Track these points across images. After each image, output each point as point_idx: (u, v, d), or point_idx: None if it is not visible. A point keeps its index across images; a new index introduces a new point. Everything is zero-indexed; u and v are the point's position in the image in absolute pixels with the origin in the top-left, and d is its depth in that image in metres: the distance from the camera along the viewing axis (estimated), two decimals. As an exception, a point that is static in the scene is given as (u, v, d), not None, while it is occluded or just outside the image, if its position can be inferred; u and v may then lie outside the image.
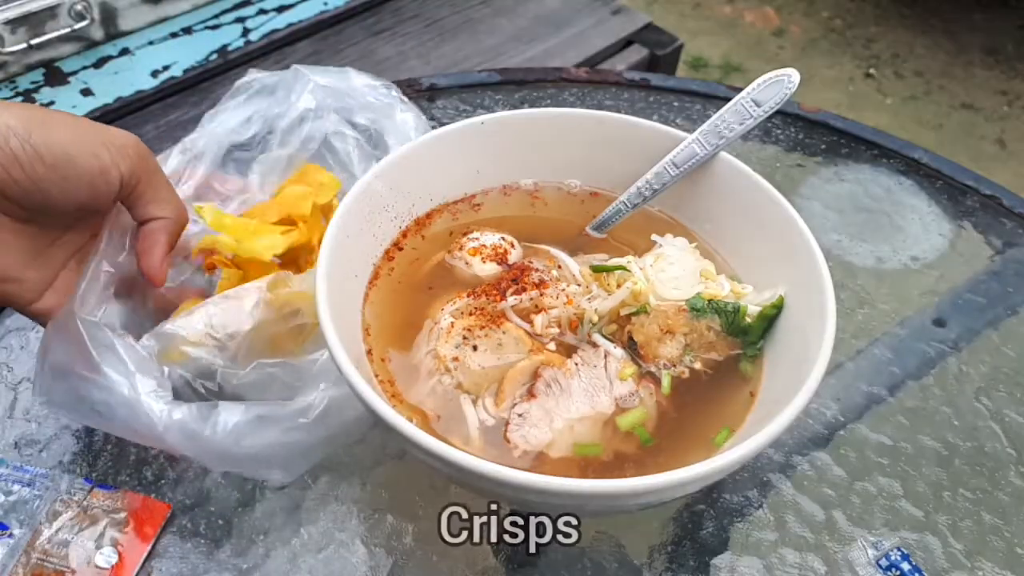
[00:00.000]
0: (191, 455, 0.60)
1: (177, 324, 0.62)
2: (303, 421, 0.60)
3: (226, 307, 0.63)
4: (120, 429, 0.61)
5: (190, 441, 0.59)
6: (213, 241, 0.70)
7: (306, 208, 0.73)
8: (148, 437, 0.60)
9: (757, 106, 0.66)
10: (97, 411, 0.59)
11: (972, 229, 0.94)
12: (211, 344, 0.62)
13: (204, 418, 0.59)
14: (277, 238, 0.71)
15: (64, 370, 0.59)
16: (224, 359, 0.63)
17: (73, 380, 0.59)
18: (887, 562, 0.63)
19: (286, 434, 0.60)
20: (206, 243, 0.71)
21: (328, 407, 0.61)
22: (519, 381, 0.59)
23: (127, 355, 0.59)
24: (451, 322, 0.61)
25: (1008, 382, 0.78)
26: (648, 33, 1.64)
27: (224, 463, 0.62)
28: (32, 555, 0.61)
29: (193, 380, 0.62)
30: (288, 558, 0.62)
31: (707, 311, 0.62)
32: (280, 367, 0.63)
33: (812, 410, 0.74)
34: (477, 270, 0.67)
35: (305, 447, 0.62)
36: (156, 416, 0.58)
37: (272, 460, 0.62)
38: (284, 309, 0.65)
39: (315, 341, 0.66)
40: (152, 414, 0.58)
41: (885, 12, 3.31)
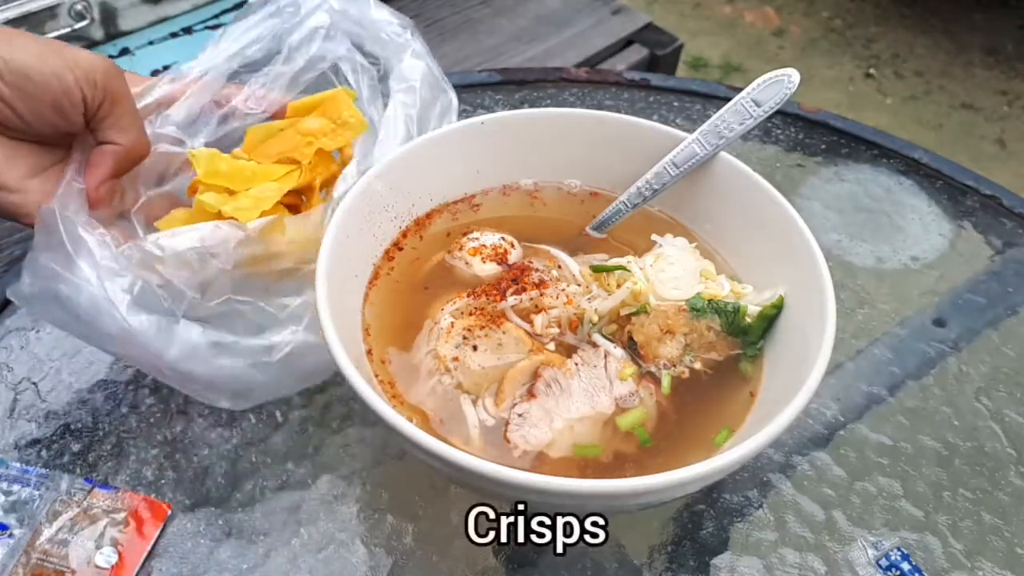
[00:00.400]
0: (144, 367, 0.61)
1: (159, 242, 0.60)
2: (265, 360, 0.61)
3: (211, 239, 0.61)
4: (83, 331, 0.61)
5: (144, 351, 0.59)
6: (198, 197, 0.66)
7: (309, 153, 0.69)
8: (106, 341, 0.60)
9: (757, 106, 0.66)
10: (65, 309, 0.59)
11: (972, 229, 0.94)
12: (186, 272, 0.61)
13: (162, 331, 0.59)
14: (270, 189, 0.66)
15: (42, 267, 0.60)
16: (196, 288, 0.61)
17: (47, 276, 0.59)
18: (887, 562, 0.63)
19: (242, 367, 0.61)
20: (194, 185, 0.68)
21: (292, 352, 0.61)
22: (519, 381, 0.59)
23: (100, 255, 0.59)
24: (451, 322, 0.61)
25: (1008, 382, 0.78)
26: (648, 33, 1.64)
27: (173, 380, 0.63)
28: (32, 555, 0.61)
29: (165, 298, 0.62)
30: (288, 558, 0.62)
31: (707, 311, 0.62)
32: (250, 306, 0.62)
33: (812, 410, 0.74)
34: (477, 270, 0.67)
35: (260, 384, 0.62)
36: (117, 320, 0.58)
37: (223, 388, 0.63)
38: (271, 253, 0.63)
39: (295, 282, 0.65)
40: (113, 318, 0.58)
41: (885, 12, 3.31)
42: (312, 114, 0.71)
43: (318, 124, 0.70)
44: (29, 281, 0.60)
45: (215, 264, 0.61)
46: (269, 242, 0.62)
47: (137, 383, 0.74)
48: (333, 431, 0.70)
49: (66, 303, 0.59)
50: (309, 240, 0.63)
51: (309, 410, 0.72)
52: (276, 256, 0.63)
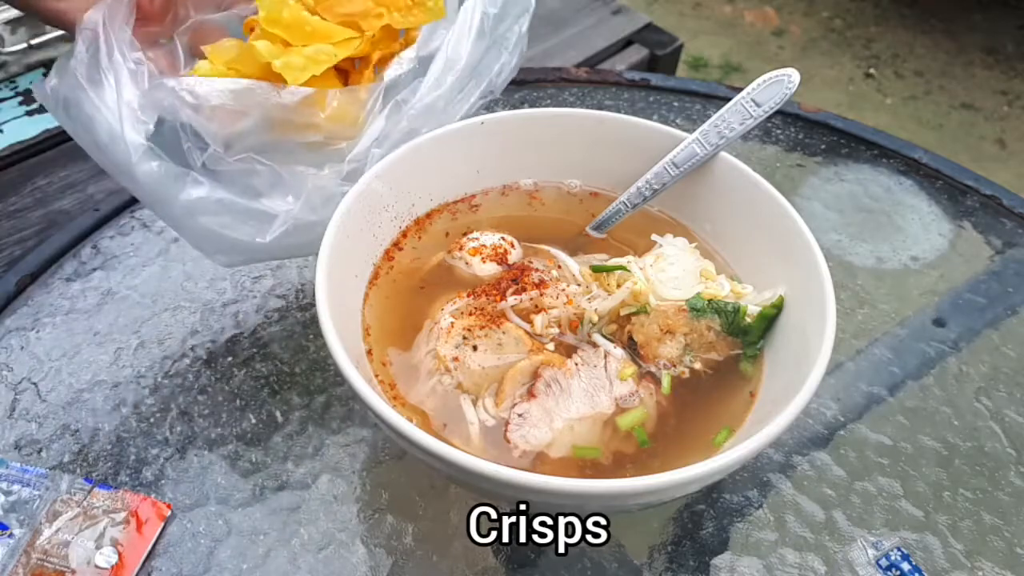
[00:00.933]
0: (146, 203, 0.62)
1: (192, 88, 0.59)
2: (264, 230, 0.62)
3: (247, 99, 0.60)
4: (99, 155, 0.62)
5: (149, 190, 0.60)
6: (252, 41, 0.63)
7: (376, 24, 0.65)
8: (117, 173, 0.61)
9: (757, 106, 0.66)
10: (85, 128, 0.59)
11: (972, 229, 0.94)
12: (213, 125, 0.60)
13: (172, 177, 0.60)
14: (325, 52, 0.63)
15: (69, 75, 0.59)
16: (220, 141, 0.61)
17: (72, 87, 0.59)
18: (887, 562, 0.63)
19: (240, 230, 0.62)
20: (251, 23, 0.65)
21: (290, 229, 0.62)
22: (519, 381, 0.59)
23: (128, 86, 0.59)
24: (451, 322, 0.61)
25: (1008, 382, 0.78)
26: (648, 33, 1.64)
27: (171, 222, 0.64)
28: (32, 555, 0.61)
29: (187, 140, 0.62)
30: (288, 558, 0.62)
31: (707, 311, 0.62)
32: (268, 168, 0.62)
33: (812, 410, 0.74)
34: (477, 270, 0.67)
35: (256, 248, 0.63)
36: (132, 149, 0.59)
37: (219, 245, 0.64)
38: (305, 124, 0.62)
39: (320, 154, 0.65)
40: (129, 147, 0.58)
41: (885, 12, 3.31)
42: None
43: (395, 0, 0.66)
44: (55, 83, 0.60)
45: (244, 123, 0.60)
46: (306, 114, 0.61)
47: (137, 383, 0.74)
48: (333, 431, 0.70)
49: (86, 123, 0.59)
50: (347, 118, 0.63)
51: (309, 410, 0.72)
52: (309, 128, 0.62)
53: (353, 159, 0.64)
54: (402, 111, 0.65)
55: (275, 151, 0.63)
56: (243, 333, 0.78)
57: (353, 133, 0.64)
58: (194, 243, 0.67)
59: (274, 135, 0.62)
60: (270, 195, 0.63)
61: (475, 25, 0.66)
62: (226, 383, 0.74)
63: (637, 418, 0.58)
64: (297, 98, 0.60)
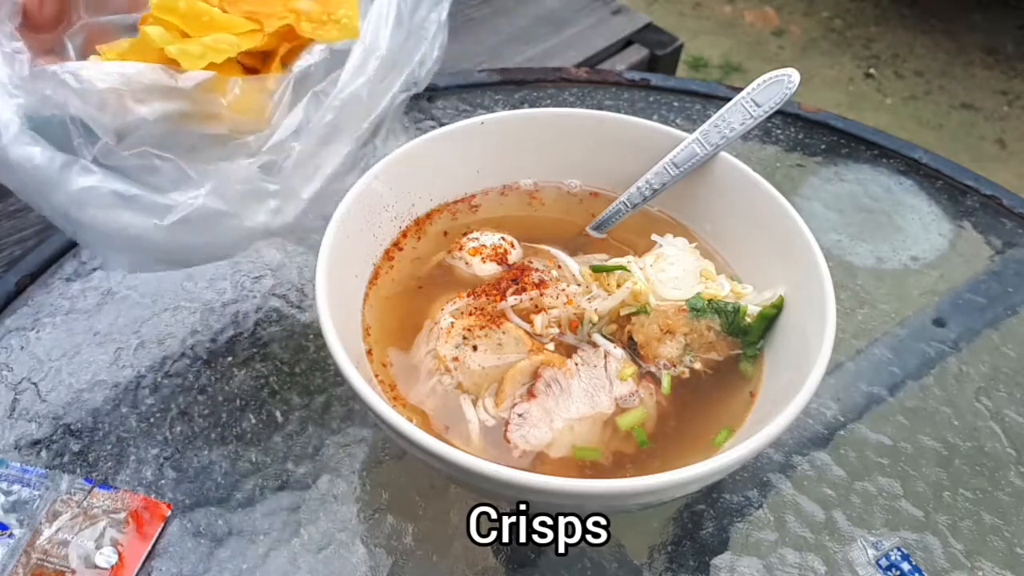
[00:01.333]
0: (40, 208, 0.55)
1: (77, 72, 0.53)
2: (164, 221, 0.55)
3: (138, 82, 0.54)
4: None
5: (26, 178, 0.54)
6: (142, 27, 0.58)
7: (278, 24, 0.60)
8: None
9: (757, 106, 0.66)
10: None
11: (972, 229, 0.94)
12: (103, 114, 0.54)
13: (57, 165, 0.54)
14: (226, 42, 0.58)
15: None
16: (111, 133, 0.54)
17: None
18: (887, 562, 0.63)
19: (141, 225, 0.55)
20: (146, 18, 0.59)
21: (192, 216, 0.55)
22: (519, 381, 0.59)
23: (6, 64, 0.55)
24: (451, 322, 0.61)
25: (1008, 382, 0.78)
26: (648, 33, 1.64)
27: (68, 228, 0.57)
28: (32, 555, 0.61)
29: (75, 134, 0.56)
30: (288, 558, 0.62)
31: (707, 311, 0.62)
32: (169, 163, 0.56)
33: (812, 410, 0.74)
34: (477, 270, 0.67)
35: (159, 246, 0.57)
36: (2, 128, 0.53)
37: (115, 242, 0.57)
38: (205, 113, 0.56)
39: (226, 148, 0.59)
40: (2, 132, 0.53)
41: (885, 12, 3.31)
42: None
43: (308, 6, 0.61)
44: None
45: (138, 111, 0.54)
46: (205, 101, 0.55)
47: (137, 383, 0.74)
48: (333, 431, 0.70)
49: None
50: (251, 107, 0.58)
51: (309, 410, 0.72)
52: (211, 118, 0.57)
53: (270, 151, 0.59)
54: (323, 103, 0.60)
55: (176, 145, 0.57)
56: (243, 333, 0.78)
57: (260, 126, 0.59)
58: (84, 242, 0.61)
59: (173, 125, 0.56)
60: (171, 190, 0.57)
61: (392, 12, 0.62)
62: (226, 383, 0.74)
63: (637, 418, 0.58)
64: (193, 83, 0.55)
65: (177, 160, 0.56)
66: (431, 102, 1.05)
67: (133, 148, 0.55)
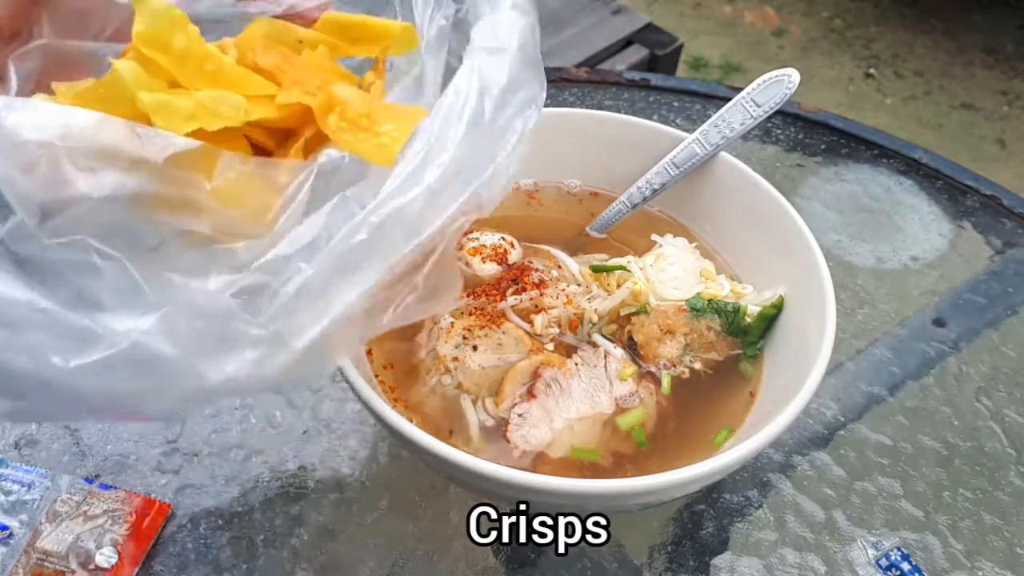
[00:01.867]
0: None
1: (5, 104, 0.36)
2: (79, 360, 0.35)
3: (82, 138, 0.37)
4: None
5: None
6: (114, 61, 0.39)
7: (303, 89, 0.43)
8: None
9: (757, 106, 0.66)
10: None
11: (972, 229, 0.94)
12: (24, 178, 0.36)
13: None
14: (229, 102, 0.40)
15: None
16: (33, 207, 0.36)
17: None
18: (887, 562, 0.63)
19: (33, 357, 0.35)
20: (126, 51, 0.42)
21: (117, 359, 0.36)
22: (519, 381, 0.59)
23: None
24: (451, 322, 0.61)
25: (1008, 382, 0.78)
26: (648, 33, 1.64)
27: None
28: (32, 555, 0.61)
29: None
30: (288, 558, 0.62)
31: (707, 311, 0.62)
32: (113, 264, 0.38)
33: (812, 410, 0.74)
34: (477, 270, 0.67)
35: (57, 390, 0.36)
36: None
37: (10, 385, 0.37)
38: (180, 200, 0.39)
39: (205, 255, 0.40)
40: None
41: (885, 12, 3.31)
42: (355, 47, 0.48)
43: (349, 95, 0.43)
44: None
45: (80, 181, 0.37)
46: (181, 181, 0.38)
47: (137, 383, 0.74)
48: (333, 431, 0.70)
49: None
50: (249, 200, 0.40)
51: (309, 410, 0.72)
52: (186, 207, 0.39)
53: (264, 268, 0.39)
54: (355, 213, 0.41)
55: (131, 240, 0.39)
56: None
57: (258, 229, 0.41)
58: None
59: (129, 211, 0.38)
60: (113, 307, 0.37)
61: (468, 108, 0.45)
62: (226, 383, 0.74)
63: (637, 418, 0.58)
64: (167, 152, 0.37)
65: (125, 261, 0.37)
66: (431, 102, 1.05)
67: (63, 235, 0.37)
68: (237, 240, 0.40)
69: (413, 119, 0.43)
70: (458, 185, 0.44)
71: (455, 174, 0.44)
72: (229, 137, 0.41)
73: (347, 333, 0.43)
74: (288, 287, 0.40)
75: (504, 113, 0.46)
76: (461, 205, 0.44)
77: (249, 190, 0.40)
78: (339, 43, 0.47)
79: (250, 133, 0.43)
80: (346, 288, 0.42)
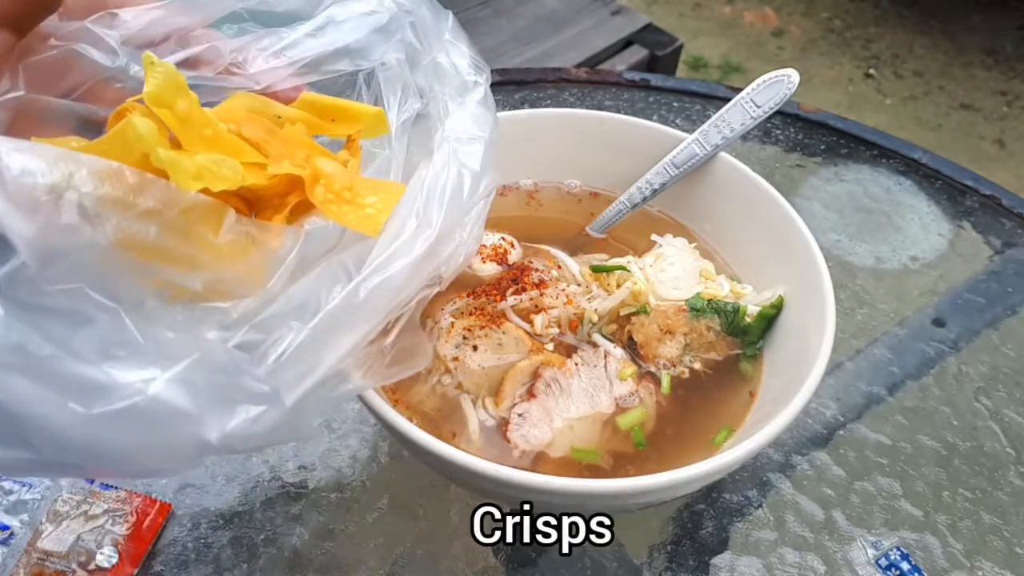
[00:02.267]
0: None
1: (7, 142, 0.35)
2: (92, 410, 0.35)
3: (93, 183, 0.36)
4: None
5: None
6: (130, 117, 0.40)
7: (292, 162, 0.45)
8: None
9: (757, 106, 0.66)
10: None
11: (972, 229, 0.94)
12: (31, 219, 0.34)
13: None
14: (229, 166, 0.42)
15: None
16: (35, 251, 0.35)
17: None
18: (887, 562, 0.64)
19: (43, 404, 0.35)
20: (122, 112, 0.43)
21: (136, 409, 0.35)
22: (519, 381, 0.59)
23: None
24: (451, 322, 0.61)
25: (1008, 382, 0.78)
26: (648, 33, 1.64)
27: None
28: (32, 555, 0.61)
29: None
30: (288, 558, 0.63)
31: (707, 311, 0.62)
32: (108, 315, 0.36)
33: (812, 410, 0.74)
34: (477, 270, 0.67)
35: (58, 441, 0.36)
36: None
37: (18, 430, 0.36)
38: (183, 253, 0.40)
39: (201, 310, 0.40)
40: None
41: (885, 12, 3.32)
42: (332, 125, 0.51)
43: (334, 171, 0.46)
44: None
45: (89, 228, 0.36)
46: (190, 234, 0.39)
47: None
48: (333, 431, 0.70)
49: None
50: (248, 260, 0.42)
51: (309, 410, 0.72)
52: (186, 261, 0.40)
53: (258, 326, 0.40)
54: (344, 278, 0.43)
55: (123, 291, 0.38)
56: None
57: (246, 289, 0.42)
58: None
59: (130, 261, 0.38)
60: (100, 360, 0.36)
61: (449, 188, 0.47)
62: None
63: (637, 418, 0.58)
64: (185, 202, 0.38)
65: (121, 311, 0.37)
66: (431, 102, 1.05)
67: (63, 283, 0.36)
68: (224, 299, 0.41)
69: (396, 193, 0.46)
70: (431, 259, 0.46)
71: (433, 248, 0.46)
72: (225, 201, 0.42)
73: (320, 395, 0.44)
74: (280, 346, 0.41)
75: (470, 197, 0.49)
76: (425, 279, 0.47)
77: (248, 250, 0.42)
78: (317, 121, 0.50)
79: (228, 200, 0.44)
80: (334, 349, 0.43)
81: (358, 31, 0.52)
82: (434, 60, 0.54)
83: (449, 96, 0.53)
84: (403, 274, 0.45)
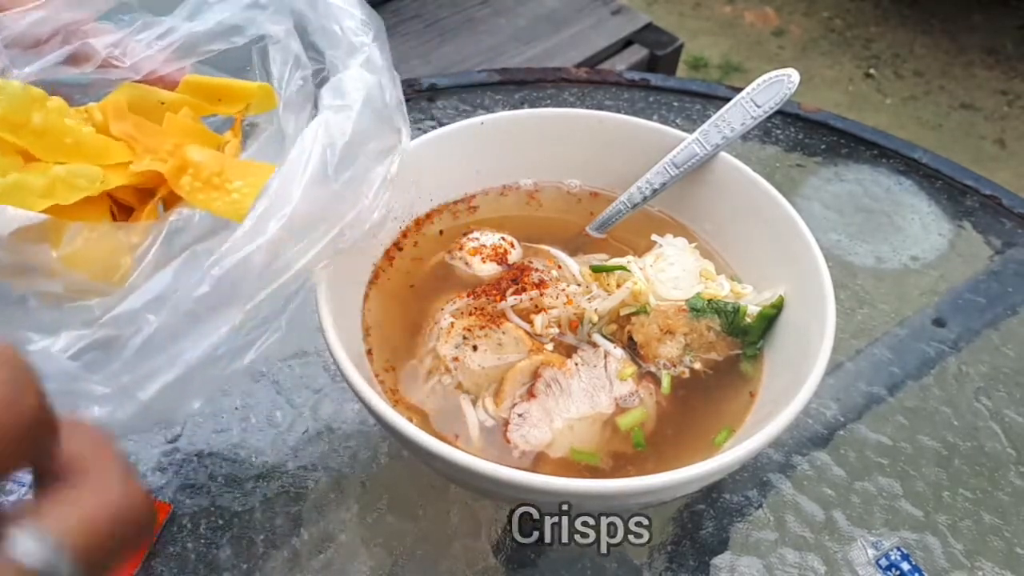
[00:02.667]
0: None
1: None
2: None
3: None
4: None
5: None
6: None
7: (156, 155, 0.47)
8: None
9: (757, 106, 0.66)
10: None
11: (972, 229, 0.94)
12: None
13: None
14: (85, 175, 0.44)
15: None
16: None
17: None
18: (887, 562, 0.63)
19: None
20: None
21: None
22: (519, 381, 0.59)
23: None
24: (451, 322, 0.61)
25: (1008, 382, 0.78)
26: (648, 33, 1.64)
27: None
28: (32, 555, 0.61)
29: None
30: (288, 558, 0.62)
31: (707, 311, 0.62)
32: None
33: (812, 410, 0.74)
34: (477, 270, 0.67)
35: None
36: None
37: None
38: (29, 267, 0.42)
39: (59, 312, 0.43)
40: None
41: (885, 12, 3.31)
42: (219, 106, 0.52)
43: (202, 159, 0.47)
44: None
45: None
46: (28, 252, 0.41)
47: (137, 383, 0.74)
48: (333, 431, 0.70)
49: None
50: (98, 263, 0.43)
51: (309, 410, 0.72)
52: (36, 272, 0.42)
53: (112, 322, 0.41)
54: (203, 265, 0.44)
55: None
56: (243, 333, 0.78)
57: (111, 288, 0.44)
58: None
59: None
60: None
61: (311, 167, 0.47)
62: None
63: (637, 418, 0.58)
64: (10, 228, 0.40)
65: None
66: (431, 102, 1.05)
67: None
68: (92, 296, 0.42)
69: (263, 175, 0.46)
70: (313, 234, 0.47)
71: (309, 225, 0.47)
72: (91, 202, 0.44)
73: (206, 374, 0.45)
74: (136, 339, 0.42)
75: (356, 168, 0.49)
76: (323, 248, 0.48)
77: (98, 253, 0.43)
78: (202, 104, 0.51)
79: (114, 193, 0.46)
80: (199, 336, 0.44)
81: (231, 7, 0.52)
82: (322, 26, 0.53)
83: (340, 60, 0.52)
84: (260, 255, 0.44)
